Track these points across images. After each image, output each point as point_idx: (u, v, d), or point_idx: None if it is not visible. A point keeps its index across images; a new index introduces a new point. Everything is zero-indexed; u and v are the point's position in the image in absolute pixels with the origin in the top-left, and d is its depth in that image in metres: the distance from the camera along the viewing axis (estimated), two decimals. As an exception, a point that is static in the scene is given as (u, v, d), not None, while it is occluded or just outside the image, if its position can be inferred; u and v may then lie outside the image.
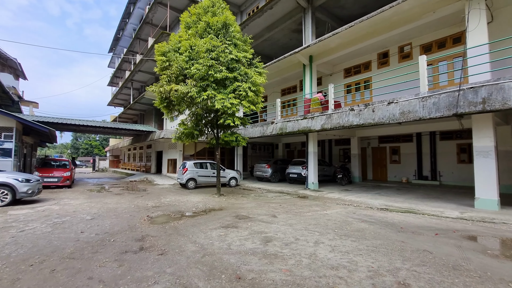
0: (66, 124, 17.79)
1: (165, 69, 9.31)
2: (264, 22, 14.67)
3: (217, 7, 9.89)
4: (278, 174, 15.79)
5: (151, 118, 27.05)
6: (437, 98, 7.08)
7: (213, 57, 8.72)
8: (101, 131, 24.08)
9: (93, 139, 71.64)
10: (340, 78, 14.24)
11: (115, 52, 34.82)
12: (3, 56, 24.68)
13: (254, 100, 9.55)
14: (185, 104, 9.69)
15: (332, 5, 12.90)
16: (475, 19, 7.29)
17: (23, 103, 29.48)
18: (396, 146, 15.22)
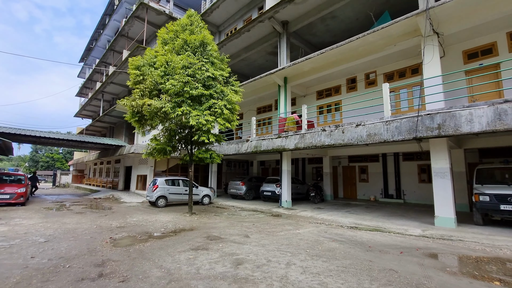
0: (25, 136, 16.36)
1: (138, 83, 9.10)
2: (242, 43, 15.13)
3: (195, 26, 10.06)
4: (252, 191, 15.70)
5: (121, 131, 25.89)
6: (399, 122, 7.65)
7: (189, 74, 8.73)
8: (65, 144, 22.47)
9: (55, 152, 66.43)
10: (313, 100, 14.91)
11: (87, 62, 33.47)
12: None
13: (230, 118, 9.60)
14: (158, 119, 9.45)
15: (305, 32, 13.72)
16: (430, 54, 8.16)
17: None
18: (364, 166, 15.99)
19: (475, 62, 9.31)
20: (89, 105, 30.71)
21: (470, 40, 9.45)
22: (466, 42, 9.55)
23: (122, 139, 24.92)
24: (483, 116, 6.24)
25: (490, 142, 9.39)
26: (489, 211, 7.39)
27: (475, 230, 7.08)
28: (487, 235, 6.61)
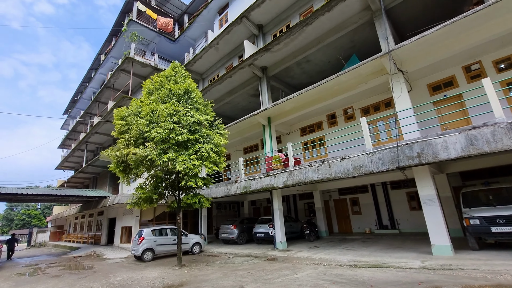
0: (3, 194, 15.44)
1: (123, 132, 9.14)
2: (225, 88, 15.90)
3: (179, 76, 10.59)
4: (245, 234, 15.04)
5: (105, 181, 25.04)
6: (381, 153, 7.94)
7: (175, 121, 8.92)
8: (44, 199, 21.25)
9: (32, 208, 62.22)
10: (297, 137, 15.36)
11: (71, 114, 33.57)
12: None
13: (217, 161, 9.62)
14: (144, 167, 9.32)
15: (283, 75, 14.71)
16: (398, 89, 8.89)
17: None
18: (355, 198, 15.98)
19: (440, 94, 10.17)
20: (72, 156, 29.97)
21: (432, 74, 10.44)
22: (429, 76, 10.53)
23: (106, 189, 23.95)
24: (456, 143, 6.62)
25: (469, 165, 9.81)
26: (482, 234, 7.41)
27: (473, 256, 6.98)
28: (485, 260, 6.52)
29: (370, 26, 10.65)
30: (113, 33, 23.65)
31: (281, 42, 12.22)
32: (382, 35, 9.51)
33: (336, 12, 10.59)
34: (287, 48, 12.61)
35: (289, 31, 11.63)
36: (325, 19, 10.93)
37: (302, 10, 13.73)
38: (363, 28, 11.03)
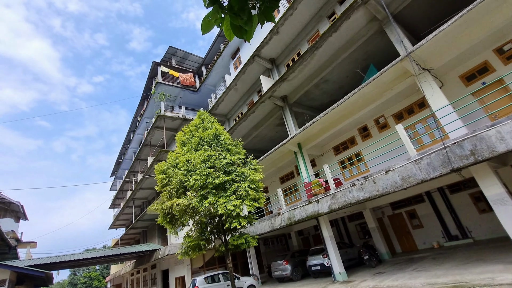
0: (64, 262, 16.72)
1: (165, 185, 9.67)
2: (250, 124, 16.41)
3: (206, 122, 11.24)
4: (299, 269, 14.15)
5: (154, 234, 25.98)
6: (429, 158, 7.33)
7: (209, 166, 9.27)
8: (102, 260, 22.49)
9: (92, 270, 65.71)
10: (331, 157, 14.91)
11: (117, 175, 36.58)
12: (7, 202, 25.40)
13: (256, 197, 9.61)
14: (188, 215, 9.59)
15: (304, 100, 14.88)
16: (429, 88, 8.44)
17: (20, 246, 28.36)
18: (411, 210, 14.53)
19: (477, 82, 9.43)
20: (122, 214, 31.94)
21: (461, 65, 9.83)
22: (458, 67, 9.92)
23: (156, 242, 24.73)
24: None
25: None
26: None
27: None
28: None
29: (381, 35, 10.62)
30: (144, 97, 26.39)
31: (295, 70, 12.60)
32: (396, 40, 9.39)
33: (343, 31, 10.81)
34: (302, 74, 12.92)
35: (300, 58, 12.01)
36: (333, 40, 11.18)
37: (309, 36, 14.24)
38: (375, 38, 11.02)
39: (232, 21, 2.16)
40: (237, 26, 2.19)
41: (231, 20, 2.17)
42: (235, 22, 2.16)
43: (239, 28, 2.21)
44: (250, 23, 2.19)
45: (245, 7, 2.09)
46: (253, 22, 2.22)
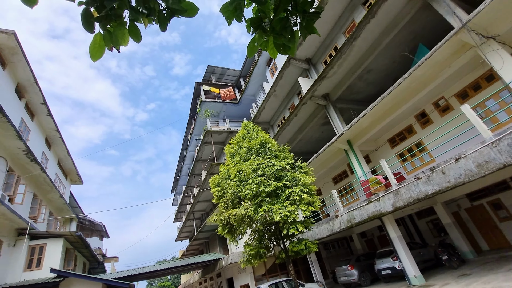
0: (142, 274, 18.56)
1: (221, 197, 10.12)
2: (294, 128, 16.26)
3: (252, 132, 11.50)
4: (367, 274, 13.21)
5: (215, 244, 27.20)
6: (509, 138, 6.26)
7: (260, 174, 9.41)
8: (173, 271, 24.35)
9: (165, 280, 71.54)
10: (387, 150, 13.79)
11: (176, 191, 39.64)
12: (92, 223, 29.48)
13: (310, 200, 9.39)
14: (245, 224, 9.82)
15: (348, 94, 14.18)
16: (497, 58, 7.27)
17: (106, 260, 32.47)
18: (495, 200, 12.45)
19: None
20: (185, 227, 34.32)
21: (538, 23, 8.25)
22: (534, 27, 8.34)
23: (218, 251, 25.85)
24: None
25: None
26: None
27: None
28: None
29: (427, 10, 9.59)
30: (191, 116, 28.35)
31: (334, 66, 12.14)
32: (446, 12, 8.37)
33: (382, 14, 10.09)
34: (342, 68, 12.38)
35: (338, 53, 11.54)
36: (372, 26, 10.50)
37: (344, 28, 13.63)
38: (420, 15, 10.02)
39: (275, 41, 2.23)
40: (280, 44, 2.25)
41: (274, 41, 2.23)
42: (278, 42, 2.22)
43: (282, 46, 2.27)
44: (293, 40, 2.24)
45: (287, 26, 2.14)
46: (296, 38, 2.26)
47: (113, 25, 1.82)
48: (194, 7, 1.94)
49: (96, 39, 1.89)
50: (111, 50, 1.90)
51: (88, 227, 30.05)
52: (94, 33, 1.87)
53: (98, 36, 1.90)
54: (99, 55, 1.92)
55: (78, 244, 16.72)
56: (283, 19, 2.11)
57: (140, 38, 1.97)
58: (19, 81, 14.21)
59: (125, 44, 1.96)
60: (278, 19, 2.09)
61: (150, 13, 1.90)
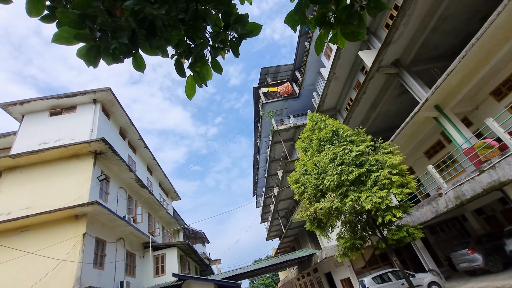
0: (243, 273, 20.08)
1: (303, 193, 10.07)
2: (365, 107, 14.91)
3: (319, 122, 11.10)
4: (496, 257, 10.91)
5: (305, 239, 27.23)
6: None
7: (338, 163, 8.96)
8: (270, 269, 25.51)
9: (265, 278, 75.45)
10: (492, 105, 11.17)
11: (257, 193, 41.55)
12: (195, 232, 33.60)
13: (403, 182, 8.40)
14: (334, 216, 9.49)
15: (423, 53, 12.17)
16: None
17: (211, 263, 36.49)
18: None
19: None
20: (272, 226, 35.55)
21: None
22: None
23: (309, 246, 25.78)
24: None
25: None
26: None
27: None
28: None
29: None
30: (256, 121, 29.39)
31: (398, 27, 10.61)
32: None
33: None
34: (409, 26, 10.72)
35: (400, 10, 10.04)
36: (439, -35, 8.77)
37: (402, -19, 11.81)
38: None
39: (343, 31, 2.13)
40: (349, 33, 2.14)
41: (342, 31, 2.14)
42: (347, 31, 2.12)
43: (351, 33, 2.14)
44: (362, 24, 2.10)
45: (353, 13, 2.02)
46: (364, 21, 2.12)
47: (199, 65, 2.08)
48: (258, 26, 2.07)
49: (188, 81, 2.19)
50: (201, 86, 2.18)
51: (192, 235, 34.44)
52: (186, 76, 2.17)
53: (190, 78, 2.19)
54: (193, 93, 2.24)
55: (188, 251, 19.32)
56: (347, 7, 1.99)
57: (221, 69, 2.23)
58: (120, 126, 17.53)
59: (210, 78, 2.23)
60: (342, 9, 1.99)
61: (224, 45, 2.08)
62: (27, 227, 10.93)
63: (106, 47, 1.54)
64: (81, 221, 11.10)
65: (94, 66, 1.57)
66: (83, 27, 1.41)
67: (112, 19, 1.46)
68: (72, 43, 1.45)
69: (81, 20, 1.39)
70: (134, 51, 1.68)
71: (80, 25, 1.39)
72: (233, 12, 1.85)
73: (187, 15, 1.65)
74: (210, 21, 1.79)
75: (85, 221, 11.08)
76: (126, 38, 1.53)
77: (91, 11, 1.39)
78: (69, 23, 1.37)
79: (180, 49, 1.91)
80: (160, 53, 1.84)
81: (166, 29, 1.66)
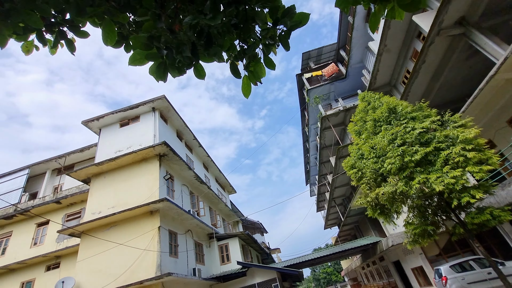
0: (304, 262, 20.18)
1: (360, 178, 9.57)
2: (425, 77, 13.25)
3: (373, 101, 10.30)
4: None
5: (367, 227, 25.95)
6: None
7: (399, 144, 8.23)
8: (331, 257, 25.08)
9: (326, 267, 74.62)
10: None
11: (310, 182, 40.94)
12: (253, 223, 34.95)
13: (481, 158, 7.29)
14: (399, 202, 8.80)
15: (494, 5, 10.18)
16: None
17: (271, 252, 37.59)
18: None
19: None
20: (330, 214, 34.72)
21: None
22: None
23: (371, 234, 24.49)
24: None
25: None
26: None
27: None
28: None
29: None
30: (302, 109, 28.75)
31: (462, -23, 9.07)
32: None
33: None
34: (476, -26, 9.07)
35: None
36: None
37: None
38: None
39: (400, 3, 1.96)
40: (407, 3, 1.95)
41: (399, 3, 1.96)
42: (405, 2, 1.94)
43: (410, 3, 1.95)
44: None
45: None
46: None
47: (253, 65, 2.15)
48: (306, 15, 2.02)
49: (244, 81, 2.29)
50: (256, 85, 2.26)
51: (250, 226, 35.95)
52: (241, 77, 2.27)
53: (245, 78, 2.28)
54: (249, 92, 2.33)
55: (248, 240, 20.26)
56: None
57: (274, 65, 2.27)
58: (177, 128, 19.11)
59: (264, 75, 2.28)
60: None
61: (275, 41, 2.12)
62: (114, 223, 12.87)
63: (171, 62, 1.72)
64: (155, 216, 12.57)
65: (164, 81, 1.78)
66: (151, 48, 1.61)
67: (174, 36, 1.62)
68: (143, 63, 1.67)
69: (150, 42, 1.58)
70: (195, 61, 1.83)
71: (149, 46, 1.60)
72: (279, 6, 1.84)
73: (237, 19, 1.72)
74: (260, 20, 1.82)
75: (158, 215, 12.52)
76: (188, 51, 1.68)
77: (155, 32, 1.57)
78: (140, 46, 1.58)
79: (233, 52, 2.00)
80: (216, 59, 1.95)
81: (220, 36, 1.76)
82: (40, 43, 1.86)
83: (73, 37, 1.92)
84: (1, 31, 1.56)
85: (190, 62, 1.78)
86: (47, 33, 1.82)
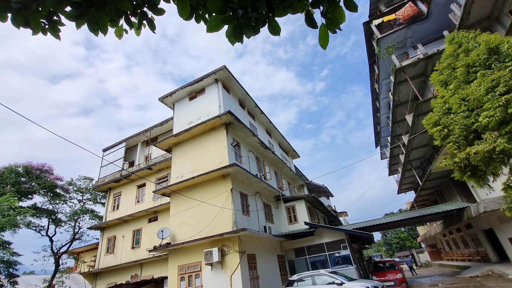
0: (374, 225, 19.59)
1: (446, 136, 8.31)
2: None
3: (465, 43, 8.39)
4: None
5: (451, 191, 23.07)
6: None
7: (502, 92, 6.68)
8: (406, 222, 23.61)
9: (399, 232, 70.95)
10: None
11: (381, 144, 37.75)
12: (318, 186, 35.10)
13: None
14: (497, 162, 7.41)
15: None
16: None
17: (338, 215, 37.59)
18: None
19: None
20: (404, 178, 31.92)
21: None
22: None
23: (457, 199, 21.72)
24: None
25: None
26: None
27: None
28: None
29: None
30: (371, 63, 25.58)
31: None
32: None
33: None
34: None
35: None
36: None
37: None
38: None
39: None
40: None
41: None
42: None
43: None
44: None
45: None
46: None
47: (330, 10, 1.98)
48: None
49: (321, 30, 2.10)
50: (335, 32, 2.09)
51: (315, 189, 36.25)
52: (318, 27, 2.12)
53: (322, 27, 2.10)
54: (327, 41, 2.15)
55: (314, 203, 20.63)
56: None
57: (356, 6, 2.01)
58: (239, 97, 19.74)
59: (344, 21, 2.06)
60: None
61: None
62: (194, 185, 14.79)
63: (246, 22, 1.74)
64: (227, 179, 13.87)
65: (241, 42, 1.84)
66: (226, 11, 1.65)
67: (247, -7, 1.61)
68: (219, 28, 1.75)
69: (225, 4, 1.62)
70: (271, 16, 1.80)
71: (224, 9, 1.64)
72: None
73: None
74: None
75: (230, 179, 13.77)
76: (264, 6, 1.67)
77: (227, -6, 1.60)
78: (216, 10, 1.64)
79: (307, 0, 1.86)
80: (290, 11, 1.86)
81: (295, -17, 1.66)
82: (128, 26, 2.13)
83: (152, 16, 2.11)
84: (102, 19, 1.85)
85: (265, 19, 1.75)
86: (131, 16, 2.06)
